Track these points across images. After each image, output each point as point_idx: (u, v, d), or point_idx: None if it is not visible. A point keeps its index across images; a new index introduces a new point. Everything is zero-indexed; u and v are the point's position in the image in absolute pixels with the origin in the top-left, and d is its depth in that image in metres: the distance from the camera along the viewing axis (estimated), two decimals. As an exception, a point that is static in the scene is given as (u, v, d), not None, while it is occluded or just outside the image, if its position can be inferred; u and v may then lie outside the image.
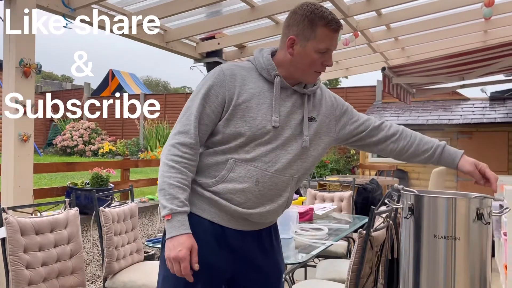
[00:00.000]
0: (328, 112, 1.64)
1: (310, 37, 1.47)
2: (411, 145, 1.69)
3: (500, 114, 7.14)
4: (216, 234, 1.50)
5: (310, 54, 1.48)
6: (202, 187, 1.50)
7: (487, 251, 1.64)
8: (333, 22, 1.47)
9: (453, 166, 1.67)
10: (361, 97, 11.01)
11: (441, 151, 1.67)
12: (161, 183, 1.43)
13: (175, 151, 1.45)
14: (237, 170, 1.47)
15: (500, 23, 5.49)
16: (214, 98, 1.47)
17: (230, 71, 1.50)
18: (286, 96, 1.53)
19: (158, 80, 38.22)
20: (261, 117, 1.47)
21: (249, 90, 1.49)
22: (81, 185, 3.95)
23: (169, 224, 1.41)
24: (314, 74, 1.53)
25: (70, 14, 3.59)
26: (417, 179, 7.65)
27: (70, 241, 2.43)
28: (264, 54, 1.55)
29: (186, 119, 1.48)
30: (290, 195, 1.58)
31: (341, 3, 4.41)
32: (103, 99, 16.38)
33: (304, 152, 1.55)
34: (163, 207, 1.42)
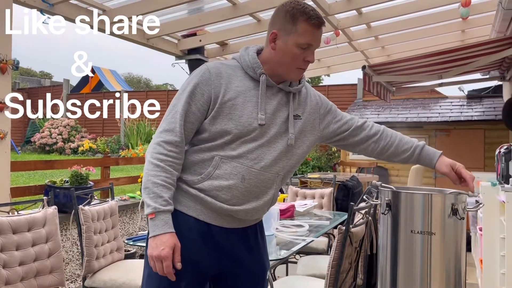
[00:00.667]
0: (313, 111, 1.66)
1: (291, 32, 1.48)
2: (391, 145, 1.72)
3: (477, 112, 7.31)
4: (201, 231, 1.50)
5: (291, 49, 1.49)
6: (188, 184, 1.50)
7: (462, 246, 1.69)
8: (314, 17, 1.48)
9: (431, 166, 1.70)
10: (342, 95, 11.12)
11: (419, 151, 1.70)
12: (145, 182, 1.43)
13: (160, 149, 1.44)
14: (223, 167, 1.48)
15: (476, 23, 5.62)
16: (199, 96, 1.47)
17: (216, 69, 1.50)
18: (271, 94, 1.54)
19: (140, 77, 37.79)
20: (247, 115, 1.48)
21: (234, 88, 1.49)
22: (60, 183, 3.89)
23: (153, 223, 1.40)
24: (297, 71, 1.54)
25: (48, 9, 3.53)
26: (396, 176, 7.78)
27: (49, 240, 2.39)
28: (250, 53, 1.56)
29: (171, 117, 1.48)
30: (276, 192, 1.59)
31: (322, 1, 4.44)
32: (84, 96, 16.14)
33: (290, 150, 1.56)
34: (146, 205, 1.41)
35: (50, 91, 17.28)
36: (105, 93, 16.41)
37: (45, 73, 35.64)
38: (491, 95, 7.75)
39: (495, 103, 7.45)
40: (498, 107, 7.12)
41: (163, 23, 4.87)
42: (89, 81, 18.94)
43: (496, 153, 3.21)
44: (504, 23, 4.03)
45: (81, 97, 16.31)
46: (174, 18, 4.81)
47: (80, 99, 17.92)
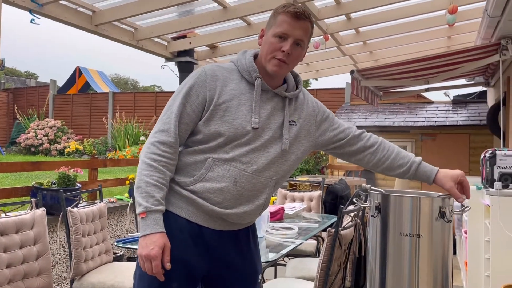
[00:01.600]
0: (309, 117, 1.67)
1: (272, 24, 1.53)
2: (388, 158, 1.70)
3: (462, 117, 7.43)
4: (193, 233, 1.51)
5: (269, 39, 1.52)
6: (180, 186, 1.51)
7: (449, 248, 1.73)
8: (292, 8, 1.50)
9: (429, 182, 1.70)
10: (330, 98, 11.20)
11: (416, 167, 1.69)
12: (138, 181, 1.44)
13: (154, 149, 1.46)
14: (216, 169, 1.48)
15: (462, 30, 5.73)
16: (195, 97, 1.49)
17: (212, 71, 1.52)
18: (266, 99, 1.56)
19: (127, 78, 37.49)
20: (240, 118, 1.49)
21: (230, 91, 1.51)
22: (47, 185, 3.85)
23: (144, 222, 1.41)
24: (274, 61, 1.51)
25: (37, 9, 3.50)
26: (383, 179, 7.86)
27: (37, 242, 2.37)
28: (247, 56, 1.58)
29: (167, 117, 1.49)
30: (268, 197, 1.60)
31: (311, 6, 4.49)
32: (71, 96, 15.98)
33: (284, 155, 1.57)
34: (138, 204, 1.42)
35: (36, 92, 17.08)
36: (92, 94, 16.28)
37: (30, 73, 35.15)
38: (476, 101, 7.89)
39: (479, 109, 7.59)
40: (482, 112, 7.25)
41: (153, 25, 4.86)
42: (76, 82, 18.76)
43: (481, 157, 3.27)
44: (489, 30, 4.11)
45: (68, 98, 16.16)
46: (164, 20, 4.80)
47: (67, 100, 17.69)
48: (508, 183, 2.86)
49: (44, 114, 15.94)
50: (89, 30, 4.24)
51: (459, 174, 1.66)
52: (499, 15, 3.67)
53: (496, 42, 4.22)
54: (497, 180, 2.88)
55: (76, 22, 4.04)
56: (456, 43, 6.16)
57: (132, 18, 4.52)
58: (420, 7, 4.86)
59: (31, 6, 3.47)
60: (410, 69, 5.17)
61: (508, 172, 2.88)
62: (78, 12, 4.08)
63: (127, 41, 4.81)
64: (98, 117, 15.22)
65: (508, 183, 2.86)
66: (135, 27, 4.83)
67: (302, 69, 7.41)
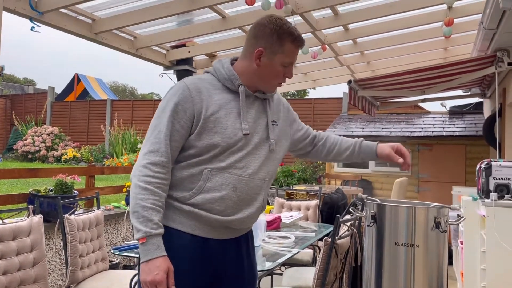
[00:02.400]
0: (285, 117, 1.75)
1: (278, 51, 1.54)
2: (336, 145, 1.83)
3: (459, 128, 7.47)
4: (198, 247, 1.51)
5: (276, 67, 1.56)
6: (180, 201, 1.50)
7: (444, 258, 1.74)
8: (299, 39, 1.57)
9: (373, 155, 1.80)
10: (328, 108, 11.25)
11: (359, 145, 1.81)
12: (134, 206, 1.41)
13: (146, 172, 1.43)
14: (213, 179, 1.49)
15: (459, 41, 5.79)
16: (182, 113, 1.48)
17: (194, 85, 1.52)
18: (250, 103, 1.59)
19: (125, 86, 37.56)
20: (231, 127, 1.51)
21: (215, 101, 1.52)
22: (44, 192, 3.84)
23: (144, 247, 1.39)
24: (276, 85, 1.63)
25: (37, 17, 3.53)
26: (380, 189, 7.87)
27: (34, 249, 2.37)
28: (225, 65, 1.60)
29: (155, 137, 1.47)
30: (265, 198, 1.63)
31: (310, 17, 4.53)
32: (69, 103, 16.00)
33: (271, 155, 1.62)
34: (136, 230, 1.39)
35: (34, 99, 17.08)
36: (90, 101, 16.29)
37: (28, 80, 35.16)
38: (472, 112, 7.94)
39: (476, 120, 7.63)
40: (479, 123, 7.30)
41: (152, 33, 4.90)
42: (74, 89, 18.79)
43: (477, 168, 3.30)
44: (485, 42, 4.16)
45: (66, 105, 16.17)
46: (163, 29, 4.84)
47: (65, 107, 17.67)
48: (503, 194, 2.88)
49: (41, 121, 15.93)
50: (88, 38, 4.27)
51: (395, 143, 1.81)
52: (495, 27, 3.72)
53: (492, 54, 4.27)
54: (493, 191, 2.90)
55: (76, 30, 4.06)
56: (453, 54, 6.23)
57: (131, 27, 4.56)
58: (416, 19, 4.93)
59: (32, 14, 3.50)
60: (407, 80, 5.22)
61: (503, 183, 2.90)
62: (78, 21, 4.11)
63: (126, 50, 4.84)
64: (96, 124, 15.22)
65: (503, 194, 2.88)
66: (134, 35, 4.86)
67: (300, 79, 7.46)
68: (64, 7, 3.67)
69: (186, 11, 4.04)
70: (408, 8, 4.50)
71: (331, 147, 1.83)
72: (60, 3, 3.55)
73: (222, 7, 4.31)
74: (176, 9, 4.02)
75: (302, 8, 4.23)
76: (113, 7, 4.12)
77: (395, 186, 5.94)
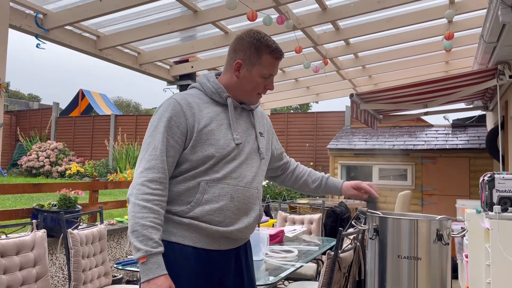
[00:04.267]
0: (269, 130, 1.80)
1: (255, 63, 1.58)
2: (304, 175, 1.90)
3: (462, 141, 7.46)
4: (200, 259, 1.52)
5: (255, 78, 1.59)
6: (179, 215, 1.51)
7: (447, 271, 1.73)
8: (277, 51, 1.60)
9: (338, 192, 1.87)
10: (330, 121, 11.27)
11: (326, 180, 1.88)
12: (133, 225, 1.40)
13: (144, 190, 1.43)
14: (211, 191, 1.51)
15: (460, 55, 5.83)
16: (176, 128, 1.50)
17: (184, 100, 1.55)
18: (238, 115, 1.63)
19: (129, 101, 37.78)
20: (223, 138, 1.54)
21: (206, 114, 1.55)
22: (48, 206, 3.85)
23: (145, 267, 1.38)
24: (257, 96, 1.65)
25: (43, 34, 3.59)
26: (384, 203, 7.84)
27: (37, 264, 2.38)
28: (211, 79, 1.63)
29: (150, 154, 1.48)
30: (261, 207, 1.65)
31: (311, 32, 4.59)
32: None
33: (261, 166, 1.65)
34: (136, 249, 1.38)
35: (39, 114, 17.22)
36: (95, 116, 16.39)
37: (33, 96, 35.45)
38: (475, 124, 7.93)
39: (479, 132, 7.62)
40: (482, 136, 7.29)
41: (156, 49, 4.97)
42: (78, 104, 18.92)
43: (480, 181, 3.29)
44: (486, 55, 4.19)
45: (70, 120, 16.28)
46: (167, 45, 4.91)
47: (69, 122, 17.70)
48: (507, 206, 2.87)
49: (46, 136, 16.02)
50: (93, 54, 4.33)
51: (356, 182, 1.85)
52: (495, 41, 3.75)
53: (493, 67, 4.29)
54: (496, 204, 2.88)
55: (81, 47, 4.13)
56: (454, 67, 6.26)
57: (135, 43, 4.63)
58: (417, 33, 4.97)
59: (37, 31, 3.56)
60: (409, 93, 5.24)
61: (507, 195, 2.89)
62: (83, 37, 4.18)
63: (130, 65, 4.90)
64: (100, 139, 15.29)
65: (507, 206, 2.87)
66: (138, 51, 4.93)
67: (302, 93, 7.50)
68: (69, 24, 3.74)
69: (189, 27, 4.10)
70: (408, 22, 4.55)
71: (300, 175, 1.90)
72: (65, 20, 3.62)
73: (224, 23, 4.37)
74: (179, 25, 4.09)
75: (303, 23, 4.28)
76: (117, 24, 4.20)
77: (398, 199, 5.91)
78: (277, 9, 3.78)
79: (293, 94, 7.55)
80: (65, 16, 3.61)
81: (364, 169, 7.91)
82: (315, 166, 10.87)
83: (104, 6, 3.53)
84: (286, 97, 7.67)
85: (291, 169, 1.92)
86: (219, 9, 3.91)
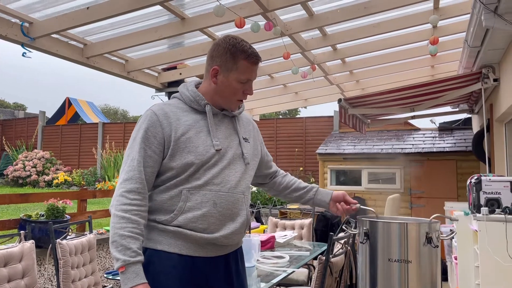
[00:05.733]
0: (255, 136, 1.80)
1: (232, 69, 1.59)
2: (294, 182, 1.91)
3: (449, 144, 7.55)
4: (186, 266, 1.51)
5: (232, 83, 1.60)
6: (163, 224, 1.52)
7: (437, 273, 1.75)
8: (253, 56, 1.60)
9: (326, 205, 1.86)
10: (319, 126, 11.34)
11: (316, 190, 1.88)
12: (112, 235, 1.42)
13: (123, 200, 1.45)
14: (193, 198, 1.51)
15: (445, 59, 5.92)
16: (153, 138, 1.52)
17: (161, 110, 1.57)
18: (218, 121, 1.64)
19: (117, 108, 37.53)
20: (202, 144, 1.55)
21: (184, 123, 1.56)
22: (35, 217, 3.80)
23: (124, 276, 1.39)
24: (237, 102, 1.65)
25: (29, 43, 3.56)
26: (373, 206, 7.88)
27: (25, 275, 2.34)
28: (189, 88, 1.65)
29: (128, 166, 1.50)
30: (248, 212, 1.65)
31: (299, 38, 4.62)
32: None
33: (246, 170, 1.66)
34: (116, 259, 1.40)
35: (25, 123, 17.01)
36: (82, 125, 16.24)
37: (19, 105, 35.01)
38: (462, 127, 8.05)
39: (465, 135, 7.73)
40: (468, 139, 7.39)
41: (144, 56, 4.95)
42: (65, 112, 18.74)
43: (467, 183, 3.33)
44: (470, 59, 4.26)
45: (57, 129, 16.11)
46: (154, 52, 4.90)
47: (56, 131, 17.52)
48: (494, 208, 2.91)
49: (32, 145, 15.82)
50: (80, 62, 4.31)
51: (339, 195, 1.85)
52: (479, 45, 3.82)
53: (477, 71, 4.37)
54: (484, 206, 2.93)
55: (68, 55, 4.10)
56: (439, 72, 6.35)
57: (123, 51, 4.61)
58: (403, 38, 5.04)
59: (23, 40, 3.53)
60: (396, 97, 5.30)
61: (493, 197, 2.93)
62: (69, 45, 4.15)
63: (118, 73, 4.88)
64: (87, 148, 15.14)
65: (494, 208, 2.91)
66: (126, 59, 4.91)
67: (291, 98, 7.54)
68: (55, 33, 3.71)
69: (177, 34, 4.10)
70: (394, 28, 4.61)
71: (290, 182, 1.91)
72: (51, 28, 3.59)
73: (212, 29, 4.38)
74: (167, 33, 4.08)
75: (291, 29, 4.31)
76: (105, 32, 4.18)
77: (388, 203, 5.96)
78: (265, 15, 3.80)
79: (282, 100, 7.58)
80: (51, 24, 3.59)
81: (353, 173, 7.96)
82: (304, 171, 10.91)
83: (91, 14, 3.52)
84: (275, 103, 7.70)
85: (281, 176, 1.93)
86: (207, 16, 3.92)
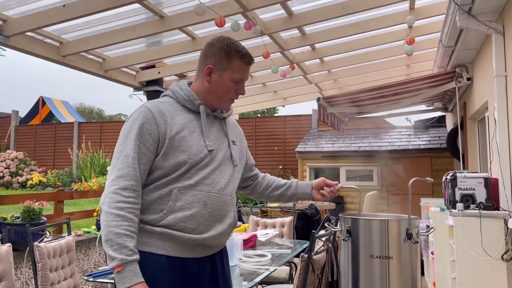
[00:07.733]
0: (242, 140, 1.82)
1: (226, 68, 1.60)
2: (274, 181, 1.93)
3: (424, 141, 7.73)
4: (175, 268, 1.50)
5: (226, 83, 1.61)
6: (151, 224, 1.50)
7: (417, 269, 1.80)
8: (246, 56, 1.63)
9: (309, 196, 1.88)
10: (298, 125, 11.40)
11: (296, 184, 1.90)
12: (106, 233, 1.38)
13: (117, 198, 1.42)
14: (183, 198, 1.51)
15: (420, 58, 6.05)
16: (147, 136, 1.50)
17: (156, 108, 1.55)
18: (210, 122, 1.65)
19: (92, 107, 36.89)
20: (196, 144, 1.55)
21: (178, 122, 1.56)
22: (10, 219, 3.71)
23: (120, 275, 1.35)
24: (229, 101, 1.66)
25: (3, 41, 3.47)
26: (351, 203, 8.00)
27: (2, 279, 2.28)
28: (183, 87, 1.65)
29: (121, 162, 1.47)
30: (235, 214, 1.66)
31: (278, 37, 4.65)
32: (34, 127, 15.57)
33: (234, 173, 1.67)
34: (111, 258, 1.35)
35: (-3, 123, 16.53)
36: (56, 124, 15.89)
37: (-10, 104, 33.98)
38: (436, 125, 8.25)
39: (439, 133, 7.93)
40: (442, 136, 7.58)
41: (121, 55, 4.89)
42: (39, 112, 18.30)
43: (443, 179, 3.42)
44: (445, 59, 4.37)
45: (31, 129, 15.73)
46: (133, 50, 4.84)
47: (30, 131, 17.10)
48: (469, 204, 3.00)
49: (5, 146, 15.38)
50: (56, 61, 4.22)
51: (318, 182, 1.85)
52: (453, 45, 3.92)
53: (451, 70, 4.49)
54: (459, 201, 3.01)
55: (43, 54, 4.01)
56: (415, 71, 6.49)
57: (100, 49, 4.54)
58: (379, 38, 5.13)
59: (-3, 38, 3.44)
60: (373, 96, 5.39)
61: (468, 193, 3.02)
62: (45, 44, 4.07)
63: (95, 71, 4.80)
64: (62, 148, 14.82)
65: (469, 204, 3.00)
66: (103, 57, 4.84)
67: (270, 97, 7.57)
68: (30, 30, 3.62)
69: (155, 33, 4.06)
70: (371, 27, 4.69)
71: (271, 181, 1.92)
72: (26, 26, 3.51)
73: (192, 28, 4.36)
74: (145, 31, 4.04)
75: (270, 29, 4.33)
76: (81, 30, 4.10)
77: (366, 200, 6.06)
78: (245, 15, 3.81)
79: (261, 99, 7.60)
80: (26, 22, 3.50)
81: (332, 171, 8.05)
82: (284, 169, 10.96)
83: (67, 11, 3.45)
84: (254, 102, 7.72)
85: (260, 178, 1.95)
86: (186, 15, 3.90)
